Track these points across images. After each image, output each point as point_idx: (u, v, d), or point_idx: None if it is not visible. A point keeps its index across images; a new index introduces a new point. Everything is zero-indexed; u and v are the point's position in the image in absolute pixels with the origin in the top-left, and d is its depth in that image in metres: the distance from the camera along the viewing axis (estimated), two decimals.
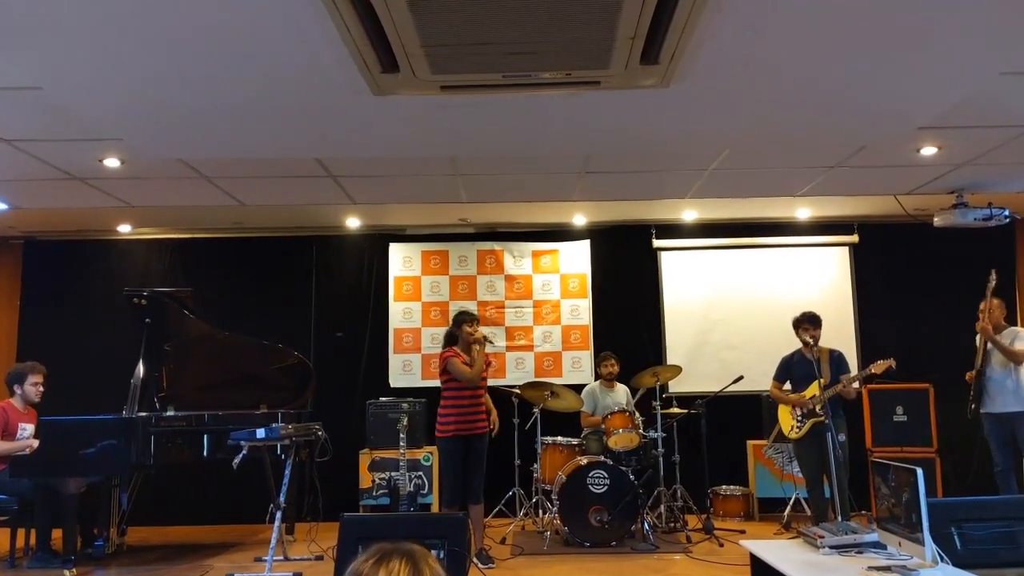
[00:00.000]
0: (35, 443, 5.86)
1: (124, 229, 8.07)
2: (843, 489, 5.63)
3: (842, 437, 5.77)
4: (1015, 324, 7.35)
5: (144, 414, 6.08)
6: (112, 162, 5.39)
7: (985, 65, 3.66)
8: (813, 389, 5.88)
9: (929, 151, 5.41)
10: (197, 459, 6.23)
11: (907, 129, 4.69)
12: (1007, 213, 6.43)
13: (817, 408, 5.77)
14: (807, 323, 6.00)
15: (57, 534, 5.87)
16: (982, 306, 6.16)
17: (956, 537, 3.72)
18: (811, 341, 5.92)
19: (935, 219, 6.62)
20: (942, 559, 3.28)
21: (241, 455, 5.46)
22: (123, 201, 6.47)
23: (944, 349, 7.25)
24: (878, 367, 5.66)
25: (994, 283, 6.04)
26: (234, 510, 7.60)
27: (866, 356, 7.68)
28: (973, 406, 6.30)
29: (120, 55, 3.40)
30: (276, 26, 3.15)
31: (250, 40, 3.28)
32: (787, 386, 6.19)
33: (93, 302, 8.06)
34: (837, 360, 6.00)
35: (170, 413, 6.44)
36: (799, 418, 5.96)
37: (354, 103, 4.04)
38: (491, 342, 5.95)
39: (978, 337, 6.31)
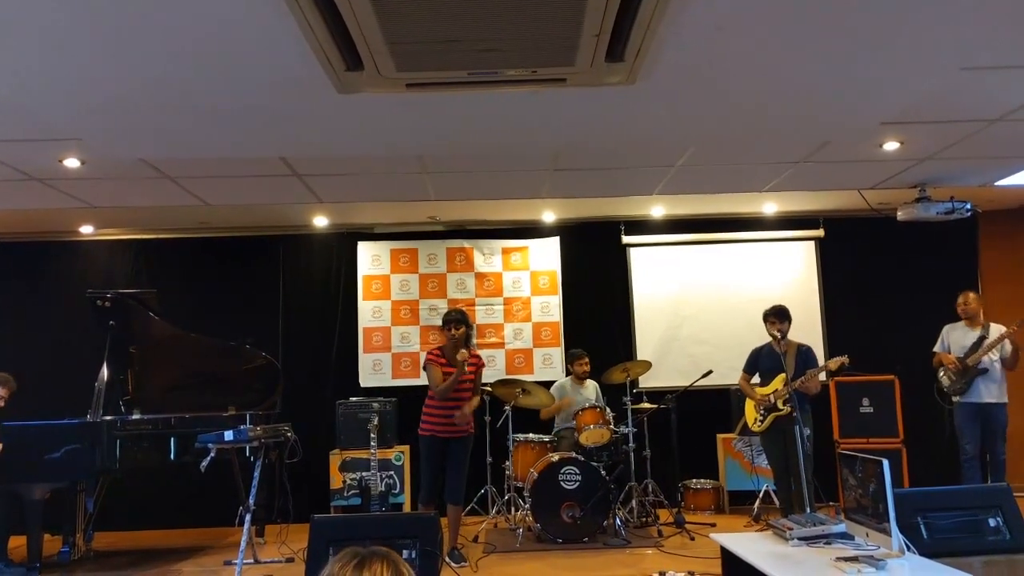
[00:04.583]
0: None
1: (86, 230, 7.94)
2: (808, 482, 5.70)
3: (807, 431, 5.85)
4: None
5: (109, 418, 6.00)
6: (72, 162, 5.29)
7: (946, 61, 3.71)
8: (777, 383, 6.01)
9: (891, 146, 5.46)
10: (164, 462, 6.16)
11: (870, 125, 4.74)
12: (969, 206, 6.51)
13: (779, 403, 5.90)
14: (772, 316, 6.10)
15: (19, 541, 5.77)
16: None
17: (922, 527, 3.78)
18: (778, 335, 6.01)
19: (899, 213, 6.70)
20: (909, 548, 3.32)
21: (209, 458, 5.40)
22: (84, 202, 6.35)
23: (909, 341, 7.34)
24: (833, 363, 5.78)
25: None
26: (203, 513, 7.49)
27: (833, 349, 7.76)
28: (957, 397, 6.49)
29: (79, 54, 3.33)
30: (238, 24, 3.11)
31: (211, 38, 3.23)
32: (756, 378, 6.28)
33: (55, 305, 7.91)
34: (805, 355, 6.10)
35: (136, 416, 6.36)
36: (761, 412, 6.07)
37: (318, 101, 4.00)
38: (470, 361, 5.86)
39: (968, 333, 6.52)
